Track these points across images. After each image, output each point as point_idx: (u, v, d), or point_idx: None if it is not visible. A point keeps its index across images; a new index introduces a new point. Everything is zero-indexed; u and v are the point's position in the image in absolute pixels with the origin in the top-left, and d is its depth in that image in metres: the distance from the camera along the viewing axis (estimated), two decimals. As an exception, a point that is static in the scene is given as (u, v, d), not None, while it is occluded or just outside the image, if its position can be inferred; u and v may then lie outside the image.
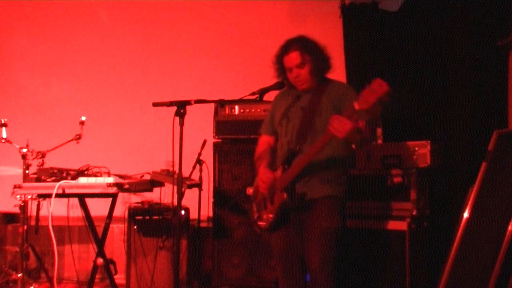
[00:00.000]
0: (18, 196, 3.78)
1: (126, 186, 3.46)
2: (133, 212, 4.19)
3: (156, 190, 3.98)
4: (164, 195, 4.06)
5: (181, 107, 2.77)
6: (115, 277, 3.84)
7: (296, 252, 2.99)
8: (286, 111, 3.04)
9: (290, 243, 3.00)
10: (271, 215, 2.94)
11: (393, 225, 3.65)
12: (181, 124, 2.77)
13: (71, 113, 4.50)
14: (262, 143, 3.20)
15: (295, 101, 3.02)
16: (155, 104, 2.86)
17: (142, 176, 3.90)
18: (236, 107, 4.31)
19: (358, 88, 4.45)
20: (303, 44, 2.95)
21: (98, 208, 3.87)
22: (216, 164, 4.32)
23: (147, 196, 4.20)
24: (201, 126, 4.25)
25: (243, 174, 4.23)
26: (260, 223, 3.02)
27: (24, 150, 3.95)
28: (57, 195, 3.34)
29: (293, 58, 2.93)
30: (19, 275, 3.91)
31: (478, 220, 3.23)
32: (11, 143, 3.99)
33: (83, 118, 4.08)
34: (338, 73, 4.67)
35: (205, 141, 4.08)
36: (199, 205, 4.06)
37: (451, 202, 3.83)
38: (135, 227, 4.16)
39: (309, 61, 2.93)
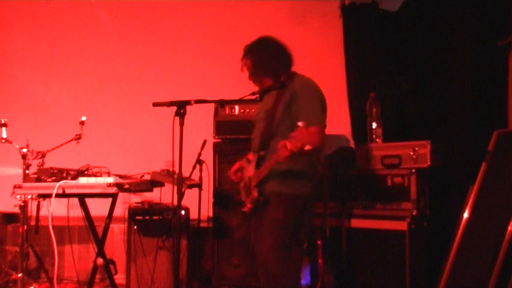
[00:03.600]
0: (18, 196, 3.77)
1: (126, 186, 3.46)
2: (133, 212, 4.19)
3: (156, 190, 3.99)
4: (164, 195, 4.07)
5: (181, 107, 2.77)
6: (115, 277, 3.84)
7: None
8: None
9: (253, 234, 3.16)
10: (250, 206, 3.08)
11: (393, 225, 3.66)
12: (181, 124, 2.76)
13: (71, 113, 4.49)
14: None
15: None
16: (155, 104, 2.86)
17: (142, 176, 3.91)
18: (236, 107, 4.31)
19: (360, 91, 4.52)
20: (247, 49, 3.18)
21: (98, 208, 3.88)
22: (216, 164, 4.32)
23: (147, 196, 4.20)
24: (201, 126, 4.25)
25: (243, 174, 4.22)
26: (243, 209, 3.14)
27: (24, 150, 3.94)
28: (57, 195, 3.34)
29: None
30: (19, 275, 3.91)
31: (478, 220, 3.23)
32: (11, 143, 3.98)
33: (83, 118, 4.07)
34: (338, 73, 4.73)
35: (205, 141, 4.08)
36: (199, 205, 4.07)
37: (451, 202, 3.82)
38: (135, 227, 4.16)
39: (249, 64, 3.12)
